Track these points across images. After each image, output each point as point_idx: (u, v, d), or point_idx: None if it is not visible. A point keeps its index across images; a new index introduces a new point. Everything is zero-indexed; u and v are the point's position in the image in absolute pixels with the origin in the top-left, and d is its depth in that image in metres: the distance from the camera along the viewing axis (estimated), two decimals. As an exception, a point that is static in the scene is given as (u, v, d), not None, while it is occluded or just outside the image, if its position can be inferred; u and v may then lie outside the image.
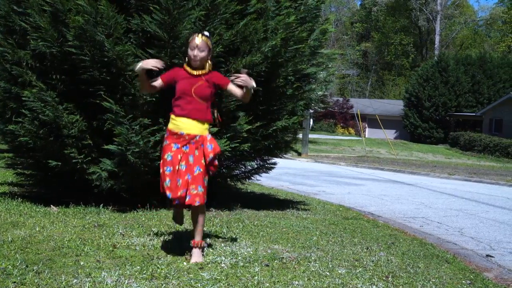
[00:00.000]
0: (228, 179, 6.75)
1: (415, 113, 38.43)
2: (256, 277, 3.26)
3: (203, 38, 3.59)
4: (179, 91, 3.58)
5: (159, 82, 3.63)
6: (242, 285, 3.10)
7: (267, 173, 6.98)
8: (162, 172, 3.54)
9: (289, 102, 5.99)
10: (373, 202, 8.82)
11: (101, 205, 5.44)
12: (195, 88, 3.56)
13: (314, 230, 5.12)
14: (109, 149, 5.09)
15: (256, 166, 6.77)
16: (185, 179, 3.47)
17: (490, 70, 37.78)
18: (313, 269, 3.56)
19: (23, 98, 5.01)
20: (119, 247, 3.79)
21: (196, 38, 3.57)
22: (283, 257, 3.80)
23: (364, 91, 60.61)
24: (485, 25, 60.83)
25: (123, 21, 5.00)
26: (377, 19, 60.87)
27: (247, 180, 6.98)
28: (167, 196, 3.52)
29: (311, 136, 28.75)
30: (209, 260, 3.56)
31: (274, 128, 5.88)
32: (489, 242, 5.86)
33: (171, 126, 3.61)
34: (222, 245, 4.04)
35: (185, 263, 3.46)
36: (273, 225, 5.18)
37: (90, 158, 5.24)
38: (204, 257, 3.60)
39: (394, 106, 43.67)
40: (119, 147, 5.01)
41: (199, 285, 3.04)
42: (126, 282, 3.01)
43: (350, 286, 3.28)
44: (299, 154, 20.34)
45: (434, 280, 3.62)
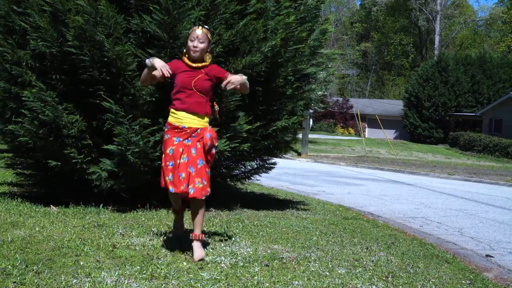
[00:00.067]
0: (228, 179, 6.75)
1: (415, 113, 38.42)
2: (256, 277, 3.26)
3: (203, 29, 3.62)
4: (179, 84, 3.58)
5: (158, 73, 3.59)
6: (242, 285, 3.11)
7: (267, 173, 6.98)
8: (164, 166, 3.56)
9: (289, 102, 5.99)
10: (373, 202, 8.82)
11: (101, 205, 5.44)
12: (195, 81, 3.57)
13: (314, 230, 5.12)
14: (109, 149, 5.09)
15: (256, 166, 6.78)
16: (188, 172, 3.49)
17: (489, 70, 37.76)
18: (313, 269, 3.56)
19: (23, 98, 5.01)
20: (119, 247, 3.79)
21: (197, 30, 3.61)
22: (283, 257, 3.80)
23: (363, 91, 60.60)
24: (485, 25, 60.82)
25: (123, 21, 5.00)
26: (376, 19, 60.87)
27: (247, 180, 6.98)
28: (170, 191, 3.53)
29: (311, 136, 28.74)
30: (209, 260, 3.56)
31: (274, 128, 5.88)
32: (489, 242, 5.86)
33: (171, 119, 3.61)
34: (222, 245, 4.04)
35: (184, 263, 3.46)
36: (272, 225, 5.18)
37: (90, 158, 5.24)
38: (205, 250, 3.63)
39: (394, 106, 43.66)
40: (119, 147, 5.01)
41: (199, 285, 3.04)
42: (126, 282, 3.01)
43: (350, 286, 3.28)
44: (299, 154, 20.34)
45: (434, 280, 3.62)
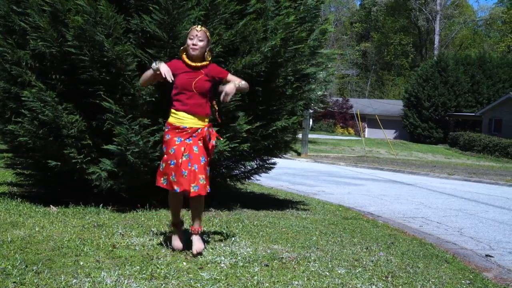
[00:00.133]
0: (228, 179, 6.75)
1: (415, 113, 38.43)
2: (255, 277, 3.26)
3: (202, 28, 3.68)
4: (180, 86, 3.63)
5: (161, 75, 3.67)
6: (241, 285, 3.11)
7: (266, 173, 6.98)
8: (165, 166, 3.58)
9: (288, 102, 5.99)
10: (372, 202, 8.82)
11: (101, 205, 5.44)
12: (195, 83, 3.63)
13: (314, 230, 5.12)
14: (108, 149, 5.09)
15: (255, 166, 6.78)
16: (190, 169, 3.52)
17: (489, 70, 37.78)
18: (312, 269, 3.56)
19: (23, 98, 5.01)
20: (119, 247, 3.79)
21: (196, 28, 3.68)
22: (282, 257, 3.80)
23: (363, 91, 60.61)
24: (484, 25, 60.84)
25: (122, 21, 5.00)
26: (376, 19, 60.89)
27: (246, 180, 6.98)
28: (175, 191, 3.54)
29: (311, 136, 28.75)
30: (208, 260, 3.56)
31: (273, 128, 5.88)
32: (489, 242, 5.86)
33: (172, 120, 3.65)
34: (222, 245, 4.04)
35: (184, 263, 3.47)
36: (272, 225, 5.18)
37: (89, 158, 5.24)
38: (204, 244, 3.68)
39: (394, 106, 43.67)
40: (119, 147, 5.02)
41: (198, 285, 3.04)
42: (126, 282, 3.01)
43: (350, 286, 3.28)
44: (299, 154, 20.34)
45: (433, 280, 3.62)
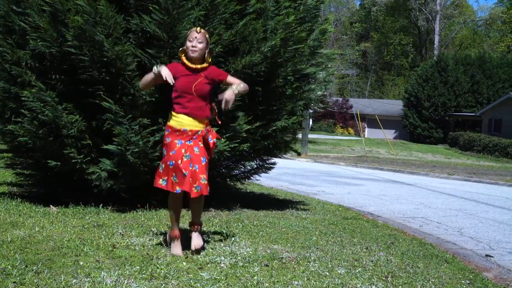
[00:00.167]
0: (228, 179, 6.75)
1: (415, 113, 38.43)
2: (255, 277, 3.26)
3: (202, 30, 3.70)
4: (180, 89, 3.65)
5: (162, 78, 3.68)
6: (241, 285, 3.11)
7: (266, 173, 6.98)
8: (164, 167, 3.58)
9: (288, 102, 5.99)
10: (372, 202, 8.82)
11: (101, 205, 5.43)
12: (195, 86, 3.64)
13: (314, 230, 5.12)
14: (108, 149, 5.09)
15: (255, 166, 6.77)
16: (191, 169, 3.54)
17: (489, 70, 37.78)
18: (312, 269, 3.56)
19: (23, 98, 5.01)
20: (119, 247, 3.79)
21: (196, 30, 3.69)
22: (282, 257, 3.80)
23: (363, 91, 60.61)
24: (484, 25, 60.85)
25: (122, 21, 5.00)
26: (376, 19, 60.89)
27: (246, 180, 6.98)
28: (177, 191, 3.54)
29: (311, 136, 28.75)
30: (208, 260, 3.56)
31: (273, 128, 5.88)
32: (489, 242, 5.86)
33: (173, 122, 3.66)
34: (222, 245, 4.04)
35: (184, 263, 3.47)
36: (272, 225, 5.17)
37: (89, 158, 5.24)
38: (204, 242, 3.70)
39: (394, 106, 43.67)
40: (119, 147, 5.01)
41: (198, 285, 3.04)
42: (126, 282, 3.01)
43: (350, 286, 3.28)
44: (299, 154, 20.35)
45: (433, 280, 3.62)
